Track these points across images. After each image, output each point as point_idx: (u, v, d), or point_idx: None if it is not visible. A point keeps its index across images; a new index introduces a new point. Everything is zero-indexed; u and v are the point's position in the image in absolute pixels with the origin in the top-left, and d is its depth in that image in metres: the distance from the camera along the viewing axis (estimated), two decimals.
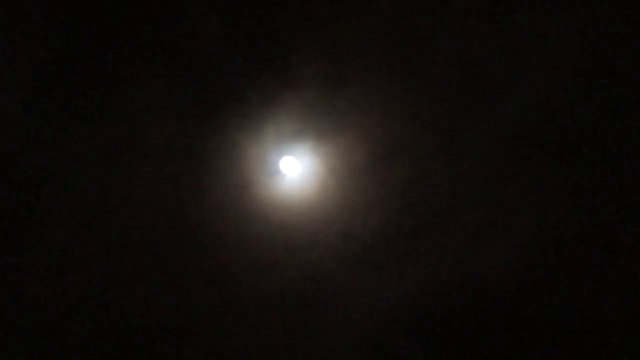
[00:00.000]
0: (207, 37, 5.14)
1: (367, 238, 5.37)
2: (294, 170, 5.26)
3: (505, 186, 5.43)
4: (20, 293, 4.88)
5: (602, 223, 5.38)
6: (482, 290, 5.42)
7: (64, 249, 4.97)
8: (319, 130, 5.28)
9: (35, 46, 4.72)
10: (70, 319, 4.88)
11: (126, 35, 5.04)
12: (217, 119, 5.17)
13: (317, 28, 5.22)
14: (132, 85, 5.08)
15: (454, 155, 5.40)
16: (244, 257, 5.21)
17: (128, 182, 5.07)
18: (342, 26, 5.25)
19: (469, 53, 5.32)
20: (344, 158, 5.36)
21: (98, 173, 5.02)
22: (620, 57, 5.28)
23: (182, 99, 5.13)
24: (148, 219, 5.13)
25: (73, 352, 4.86)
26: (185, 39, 5.12)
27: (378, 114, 5.32)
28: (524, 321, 5.41)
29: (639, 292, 5.31)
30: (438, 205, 5.44)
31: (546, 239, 5.42)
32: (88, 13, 4.89)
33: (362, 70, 5.28)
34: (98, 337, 4.86)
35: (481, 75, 5.34)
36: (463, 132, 5.39)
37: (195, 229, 5.18)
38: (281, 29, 5.22)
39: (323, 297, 5.28)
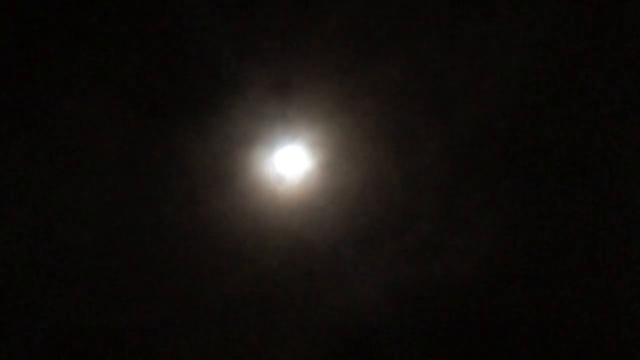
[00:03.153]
0: (156, 44, 5.11)
1: (319, 245, 5.31)
2: (244, 177, 5.20)
3: (461, 192, 5.39)
4: None
5: (559, 228, 5.34)
6: (439, 296, 5.38)
7: (5, 257, 4.94)
8: (269, 137, 5.23)
9: None
10: (8, 322, 4.86)
11: (72, 40, 5.01)
12: (166, 126, 5.13)
13: (267, 34, 5.17)
14: (78, 91, 5.04)
15: (408, 162, 5.35)
16: (192, 264, 5.16)
17: (73, 191, 5.04)
18: (293, 32, 5.21)
19: (423, 60, 5.27)
20: (295, 165, 5.30)
21: (41, 182, 4.98)
22: (575, 65, 5.23)
23: (130, 106, 5.09)
24: (94, 228, 5.09)
25: (9, 355, 4.83)
26: (133, 45, 5.09)
27: (330, 121, 5.27)
28: (483, 326, 5.38)
29: (599, 295, 5.29)
30: (392, 212, 5.38)
31: (503, 244, 5.39)
32: (27, 10, 4.84)
33: (313, 76, 5.23)
34: (38, 341, 4.84)
35: (435, 82, 5.29)
36: (417, 139, 5.34)
37: (143, 236, 5.13)
38: (230, 35, 5.18)
39: (274, 306, 5.22)
